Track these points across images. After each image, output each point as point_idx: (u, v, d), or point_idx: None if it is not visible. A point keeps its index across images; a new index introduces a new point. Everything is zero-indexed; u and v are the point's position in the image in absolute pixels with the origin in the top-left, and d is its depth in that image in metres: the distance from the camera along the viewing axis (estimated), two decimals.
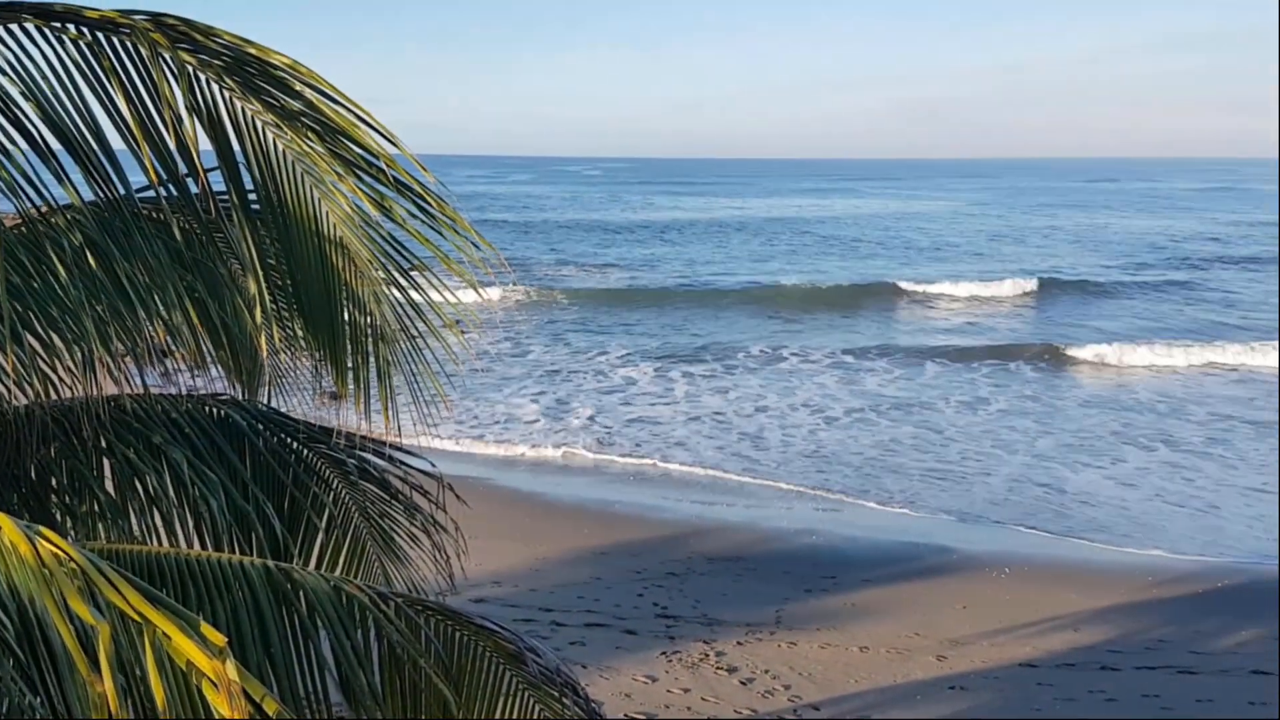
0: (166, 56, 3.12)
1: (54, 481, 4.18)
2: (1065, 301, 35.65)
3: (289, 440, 4.53)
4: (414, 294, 3.71)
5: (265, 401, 4.61)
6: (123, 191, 3.35)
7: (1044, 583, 11.81)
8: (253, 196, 3.56)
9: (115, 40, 3.19)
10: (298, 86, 3.25)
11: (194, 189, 3.42)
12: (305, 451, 4.57)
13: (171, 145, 3.27)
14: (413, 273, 3.77)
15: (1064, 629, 10.59)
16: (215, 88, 3.30)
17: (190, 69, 3.21)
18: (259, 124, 3.34)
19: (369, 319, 3.65)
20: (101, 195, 3.36)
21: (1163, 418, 20.20)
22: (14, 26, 3.11)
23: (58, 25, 3.16)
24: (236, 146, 3.39)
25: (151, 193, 3.42)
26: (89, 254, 3.43)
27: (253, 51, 3.22)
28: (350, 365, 3.75)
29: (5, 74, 3.11)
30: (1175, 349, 25.78)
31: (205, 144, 3.34)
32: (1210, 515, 14.77)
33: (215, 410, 4.55)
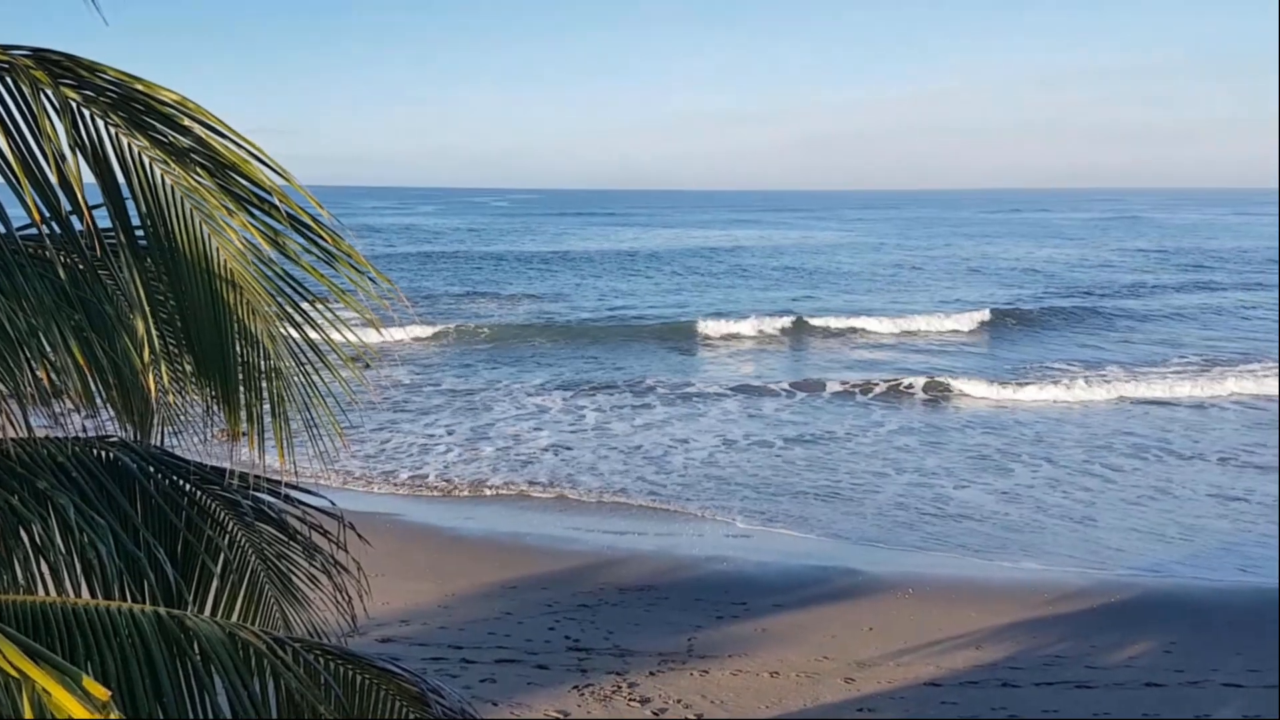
0: (49, 93, 3.04)
1: None
2: (965, 334, 36.56)
3: (181, 482, 4.41)
4: (311, 331, 3.65)
5: (159, 442, 4.47)
6: (3, 230, 3.24)
7: (946, 602, 12.10)
8: (140, 233, 3.48)
9: None
10: (186, 122, 3.19)
11: (79, 226, 3.33)
12: (199, 494, 4.45)
13: (54, 182, 3.18)
14: (311, 308, 3.72)
15: (966, 647, 10.85)
16: (100, 123, 3.23)
17: (74, 105, 3.13)
18: (146, 160, 3.27)
19: (263, 356, 3.59)
20: None
21: (1044, 442, 20.93)
22: None
23: None
24: (123, 182, 3.31)
25: (34, 230, 3.31)
26: None
27: (140, 88, 3.16)
28: (244, 404, 3.67)
29: None
30: (1066, 381, 26.35)
31: (91, 179, 3.26)
32: (1090, 528, 15.37)
33: (104, 453, 4.40)
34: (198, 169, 3.25)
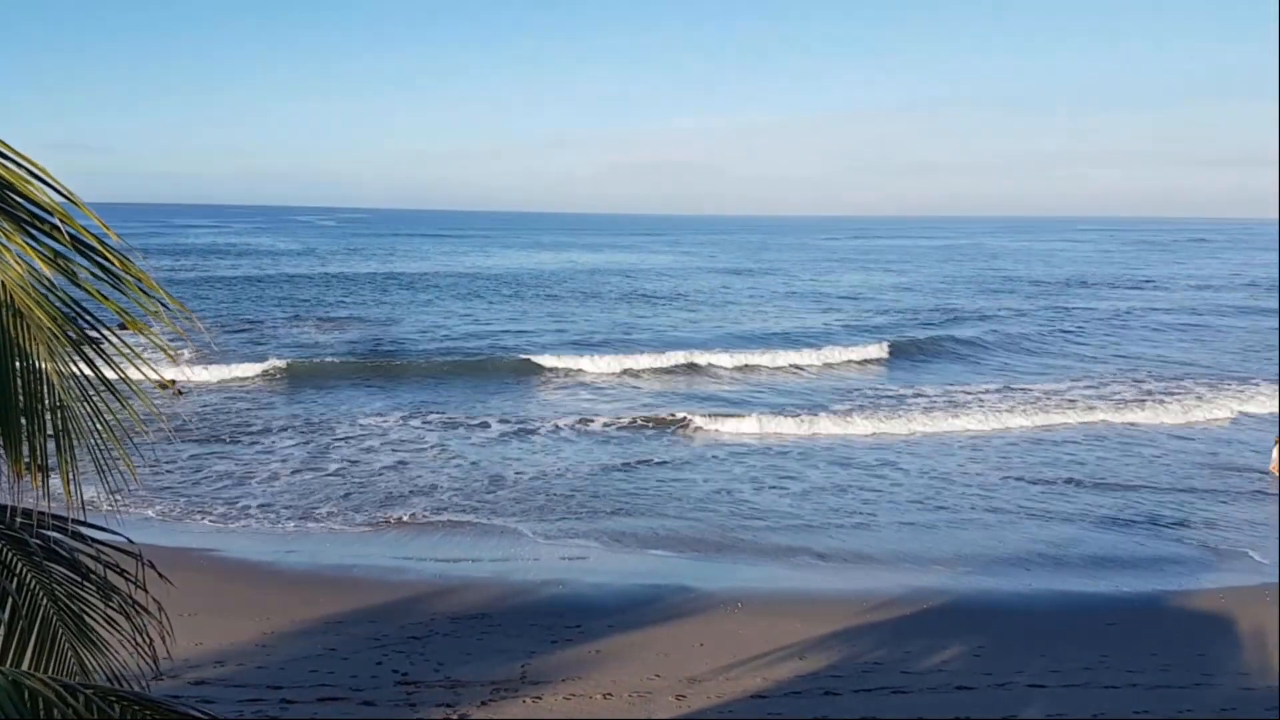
0: None
1: None
2: (809, 368, 37.58)
3: None
4: (103, 363, 3.45)
5: None
6: None
7: (772, 614, 12.45)
8: None
9: None
10: None
11: None
12: None
13: None
14: (104, 336, 3.51)
15: (791, 658, 11.18)
16: None
17: None
18: None
19: (48, 387, 3.36)
20: None
21: (841, 463, 21.92)
22: None
23: None
24: None
25: None
26: None
27: None
28: (27, 437, 3.43)
29: None
30: (882, 412, 26.87)
31: None
32: (872, 527, 16.20)
33: None
34: None
